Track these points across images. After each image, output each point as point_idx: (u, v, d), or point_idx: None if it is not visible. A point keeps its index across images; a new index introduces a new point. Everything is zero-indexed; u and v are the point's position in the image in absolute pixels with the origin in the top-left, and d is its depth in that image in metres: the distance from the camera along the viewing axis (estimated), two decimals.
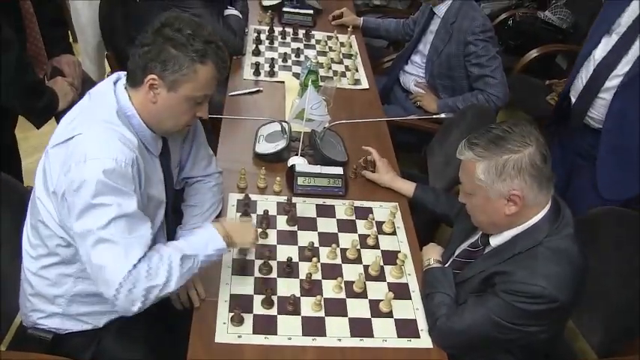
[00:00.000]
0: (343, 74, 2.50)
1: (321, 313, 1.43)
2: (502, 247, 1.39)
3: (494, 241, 1.42)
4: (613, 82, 1.95)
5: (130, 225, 1.23)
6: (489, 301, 1.32)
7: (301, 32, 2.76)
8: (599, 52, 2.01)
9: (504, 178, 1.29)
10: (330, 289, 1.49)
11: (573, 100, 2.12)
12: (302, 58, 2.53)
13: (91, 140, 1.23)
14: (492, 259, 1.40)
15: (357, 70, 2.53)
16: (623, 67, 1.92)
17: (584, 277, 1.33)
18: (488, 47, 2.37)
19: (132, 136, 1.29)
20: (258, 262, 1.52)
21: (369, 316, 1.45)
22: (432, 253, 1.61)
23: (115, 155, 1.22)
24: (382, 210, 1.78)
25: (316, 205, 1.77)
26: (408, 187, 1.85)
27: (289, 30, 2.75)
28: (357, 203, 1.79)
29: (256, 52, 2.55)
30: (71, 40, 2.08)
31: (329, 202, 1.79)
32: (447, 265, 1.56)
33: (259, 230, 1.62)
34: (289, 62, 2.52)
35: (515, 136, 1.29)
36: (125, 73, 1.36)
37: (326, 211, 1.75)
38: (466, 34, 2.37)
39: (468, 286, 1.43)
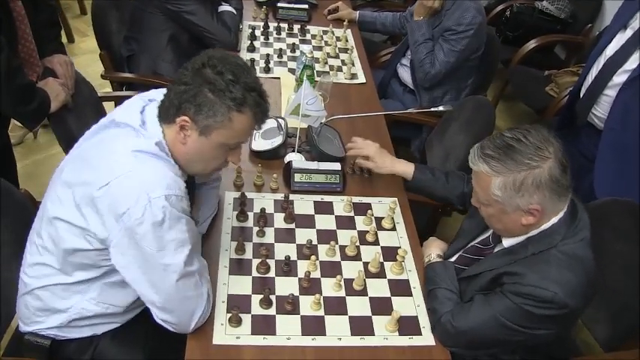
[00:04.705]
0: (339, 69, 2.47)
1: (321, 312, 1.41)
2: (515, 248, 1.34)
3: (507, 241, 1.37)
4: (620, 77, 1.88)
5: (195, 256, 1.30)
6: (497, 302, 1.29)
7: (296, 27, 2.73)
8: (612, 48, 1.94)
9: (522, 194, 1.23)
10: (330, 287, 1.47)
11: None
12: (297, 53, 2.49)
13: (147, 176, 1.20)
14: (504, 258, 1.35)
15: (353, 65, 2.50)
16: (632, 63, 1.85)
17: (595, 283, 1.29)
18: (462, 41, 2.36)
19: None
20: (255, 262, 1.50)
21: (370, 314, 1.42)
22: (433, 248, 1.58)
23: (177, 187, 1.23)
24: (381, 205, 1.76)
25: (314, 201, 1.74)
26: (409, 170, 1.75)
27: (284, 25, 2.72)
28: (356, 199, 1.76)
29: (251, 49, 2.52)
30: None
31: (327, 198, 1.76)
32: (453, 260, 1.53)
33: (256, 229, 1.59)
34: (285, 58, 2.49)
35: (531, 149, 1.22)
36: (149, 98, 1.33)
37: (324, 208, 1.72)
38: (451, 21, 2.35)
39: (476, 283, 1.39)
